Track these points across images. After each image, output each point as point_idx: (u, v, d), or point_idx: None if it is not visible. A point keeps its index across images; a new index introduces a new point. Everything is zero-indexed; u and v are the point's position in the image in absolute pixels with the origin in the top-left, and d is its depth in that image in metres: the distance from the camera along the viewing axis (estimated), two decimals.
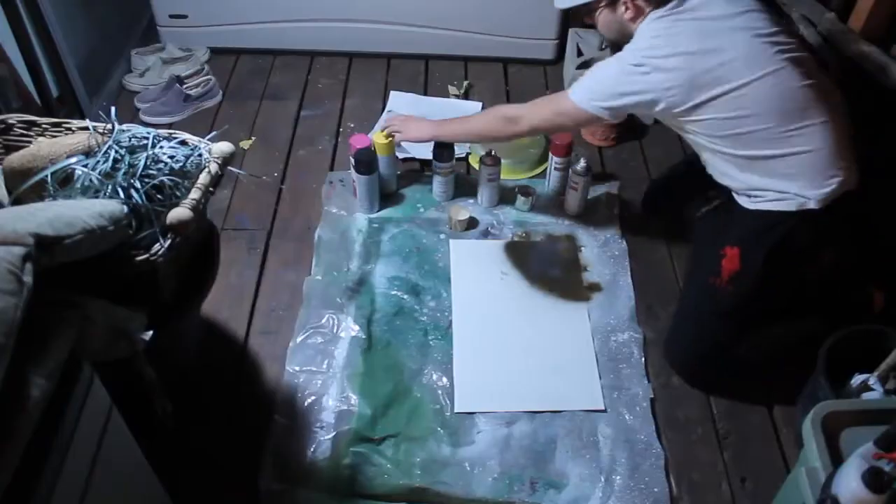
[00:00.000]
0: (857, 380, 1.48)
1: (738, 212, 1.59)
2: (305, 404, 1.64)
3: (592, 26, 2.60)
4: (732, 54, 1.45)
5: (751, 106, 1.45)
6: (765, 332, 1.65)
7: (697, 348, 1.68)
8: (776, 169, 1.50)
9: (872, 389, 1.44)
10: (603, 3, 1.62)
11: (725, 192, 1.66)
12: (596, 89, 1.57)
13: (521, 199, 2.08)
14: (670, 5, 1.52)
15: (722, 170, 1.59)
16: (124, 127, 1.36)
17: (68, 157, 1.27)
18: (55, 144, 1.31)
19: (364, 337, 1.77)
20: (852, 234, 1.66)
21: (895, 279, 1.72)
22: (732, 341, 1.63)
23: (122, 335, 1.11)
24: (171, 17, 2.63)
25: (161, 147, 1.33)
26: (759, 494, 1.53)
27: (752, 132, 1.47)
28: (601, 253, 2.01)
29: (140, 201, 1.23)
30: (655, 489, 1.53)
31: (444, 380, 1.69)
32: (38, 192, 1.26)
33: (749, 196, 1.57)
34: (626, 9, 1.57)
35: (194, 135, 1.42)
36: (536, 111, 1.70)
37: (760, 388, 1.71)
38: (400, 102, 2.53)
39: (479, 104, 2.53)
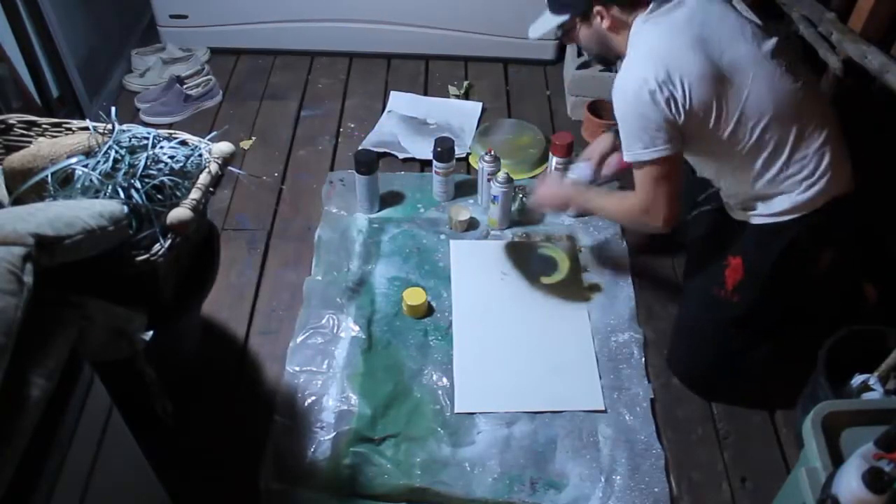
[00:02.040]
0: (857, 380, 1.48)
1: (737, 222, 1.57)
2: (305, 404, 1.64)
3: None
4: (735, 56, 1.40)
5: (757, 109, 1.41)
6: (767, 339, 1.64)
7: (700, 358, 1.67)
8: (778, 175, 1.45)
9: (872, 389, 1.44)
10: (577, 20, 1.55)
11: (717, 199, 1.65)
12: (631, 140, 1.46)
13: (521, 199, 2.08)
14: (655, 7, 1.43)
15: (730, 187, 1.56)
16: (124, 127, 1.36)
17: (68, 157, 1.27)
18: (55, 144, 1.31)
19: (364, 337, 1.77)
20: (853, 234, 1.66)
21: (891, 277, 1.72)
22: (736, 350, 1.62)
23: (122, 335, 1.11)
24: (172, 17, 2.64)
25: (161, 147, 1.34)
26: (759, 494, 1.53)
27: (758, 138, 1.43)
28: (601, 253, 2.01)
29: (140, 201, 1.23)
30: (655, 489, 1.53)
31: (444, 380, 1.69)
32: (38, 192, 1.26)
33: (747, 209, 1.54)
34: (602, 19, 1.49)
35: (194, 135, 1.42)
36: (646, 195, 1.51)
37: (761, 392, 1.71)
38: (400, 102, 2.53)
39: (479, 104, 2.53)
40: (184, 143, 1.38)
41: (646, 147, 1.43)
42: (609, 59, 1.62)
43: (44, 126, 1.44)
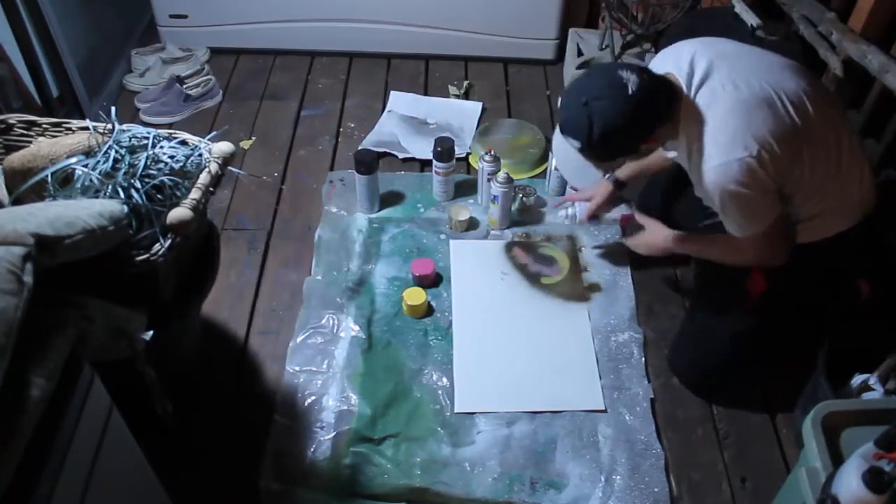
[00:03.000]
0: (857, 380, 1.48)
1: None
2: (305, 404, 1.64)
3: (593, 26, 2.61)
4: (796, 92, 1.35)
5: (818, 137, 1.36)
6: (777, 345, 1.63)
7: (707, 364, 1.67)
8: (825, 198, 1.42)
9: (872, 389, 1.44)
10: (625, 158, 1.50)
11: None
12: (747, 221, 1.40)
13: (521, 199, 2.08)
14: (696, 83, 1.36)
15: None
16: (124, 127, 1.36)
17: (68, 157, 1.27)
18: (55, 144, 1.31)
19: (364, 337, 1.77)
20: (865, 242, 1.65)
21: (889, 276, 1.72)
22: (746, 358, 1.62)
23: (122, 335, 1.11)
24: (171, 17, 2.64)
25: (161, 147, 1.33)
26: (759, 494, 1.53)
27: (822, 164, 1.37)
28: (601, 253, 2.01)
29: (140, 201, 1.23)
30: (655, 489, 1.53)
31: (444, 380, 1.69)
32: (38, 192, 1.26)
33: None
34: (653, 144, 1.43)
35: (194, 135, 1.42)
36: (760, 252, 1.45)
37: (761, 392, 1.71)
38: (400, 102, 2.53)
39: (479, 104, 2.53)
40: (184, 142, 1.38)
41: (758, 223, 1.38)
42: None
43: (44, 126, 1.44)
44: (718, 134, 1.33)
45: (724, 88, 1.34)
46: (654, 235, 1.72)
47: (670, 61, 1.42)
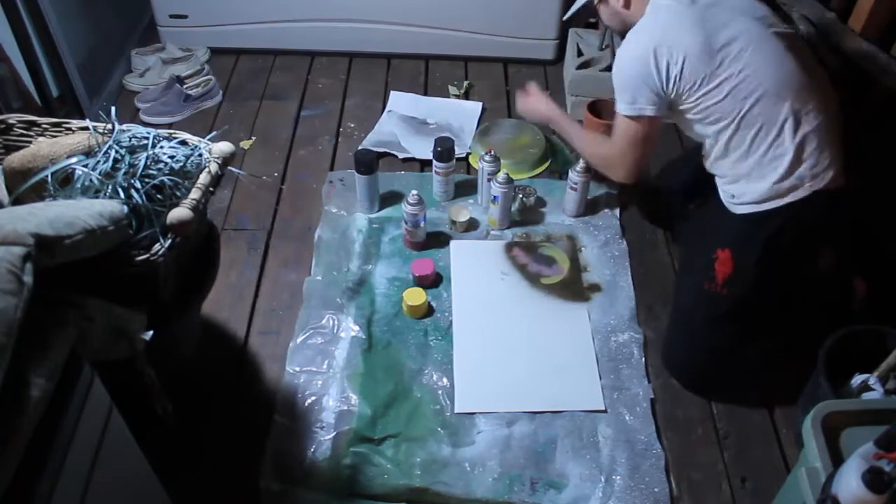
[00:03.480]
0: (857, 380, 1.48)
1: (725, 213, 1.58)
2: (305, 404, 1.64)
3: (594, 26, 2.62)
4: (737, 31, 1.48)
5: (753, 84, 1.46)
6: (762, 334, 1.64)
7: (695, 355, 1.68)
8: (765, 154, 1.49)
9: (872, 389, 1.44)
10: (596, 2, 1.71)
11: (713, 198, 1.65)
12: (623, 89, 1.58)
13: (521, 199, 2.08)
14: None
15: (721, 164, 1.58)
16: (124, 127, 1.36)
17: (68, 157, 1.27)
18: (55, 144, 1.31)
19: (364, 337, 1.77)
20: (850, 234, 1.66)
21: (887, 275, 1.72)
22: (730, 346, 1.63)
23: (122, 335, 1.11)
24: (171, 17, 2.64)
25: (161, 147, 1.33)
26: (759, 494, 1.53)
27: (749, 110, 1.48)
28: (601, 253, 2.01)
29: (140, 201, 1.23)
30: (655, 489, 1.53)
31: (445, 380, 1.69)
32: (38, 192, 1.26)
33: (734, 196, 1.56)
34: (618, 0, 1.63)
35: (194, 135, 1.42)
36: (618, 149, 1.66)
37: (760, 391, 1.71)
38: (400, 102, 2.53)
39: (479, 104, 2.53)
40: (184, 143, 1.38)
41: (632, 102, 1.56)
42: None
43: (44, 126, 1.43)
44: (651, 19, 1.55)
45: (689, 7, 1.51)
46: (539, 102, 1.97)
47: None
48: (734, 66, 1.46)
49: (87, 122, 1.39)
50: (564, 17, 1.85)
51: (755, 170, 1.50)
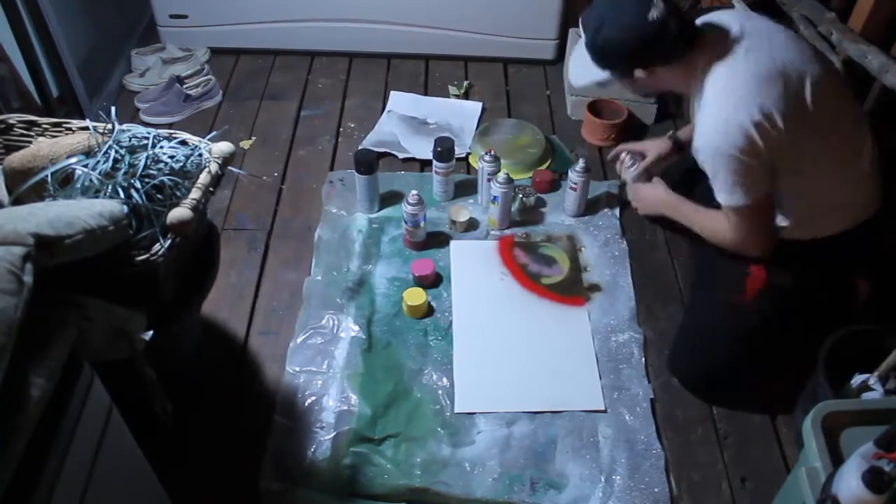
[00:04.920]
0: (857, 380, 1.47)
1: None
2: (305, 404, 1.64)
3: None
4: (811, 78, 1.37)
5: (827, 127, 1.39)
6: (784, 348, 1.63)
7: (706, 364, 1.66)
8: (830, 194, 1.44)
9: (872, 389, 1.44)
10: (617, 78, 1.52)
11: None
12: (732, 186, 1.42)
13: (521, 199, 2.08)
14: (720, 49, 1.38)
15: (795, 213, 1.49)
16: (124, 127, 1.36)
17: (68, 157, 1.27)
18: (55, 144, 1.31)
19: (364, 337, 1.77)
20: (876, 256, 1.65)
21: (887, 275, 1.72)
22: (746, 360, 1.61)
23: (122, 335, 1.11)
24: (171, 17, 2.64)
25: (161, 147, 1.33)
26: (759, 494, 1.53)
27: (828, 156, 1.41)
28: (601, 253, 2.01)
29: (140, 201, 1.23)
30: (655, 489, 1.53)
31: (444, 380, 1.69)
32: (38, 192, 1.26)
33: (777, 221, 1.50)
34: (647, 76, 1.46)
35: (194, 135, 1.42)
36: (741, 234, 1.48)
37: (762, 394, 1.70)
38: (400, 102, 2.53)
39: (479, 104, 2.53)
40: (184, 143, 1.38)
41: (745, 193, 1.40)
42: (658, 95, 1.60)
43: (44, 126, 1.43)
44: (729, 93, 1.36)
45: (748, 55, 1.37)
46: (655, 192, 1.76)
47: (712, 18, 1.46)
48: (816, 116, 1.36)
49: (87, 122, 1.39)
50: (574, 83, 1.62)
51: (817, 210, 1.46)
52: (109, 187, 1.23)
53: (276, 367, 1.73)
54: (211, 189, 1.32)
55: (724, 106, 1.36)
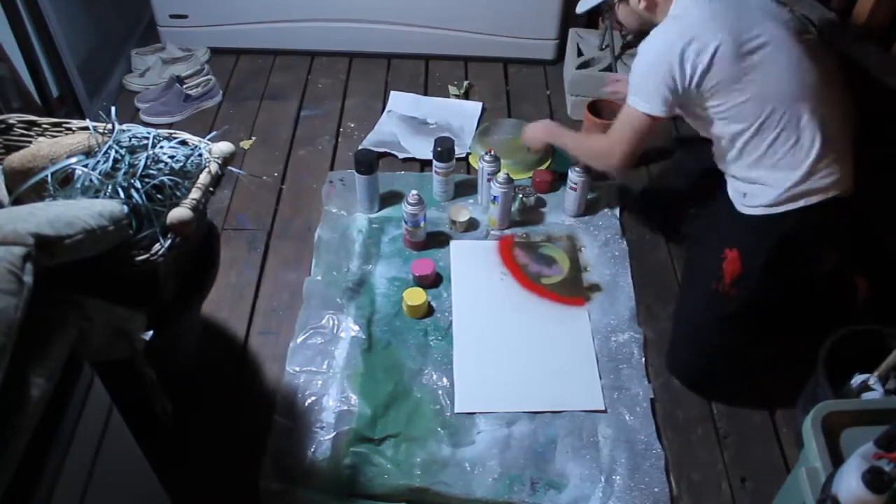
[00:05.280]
0: (857, 380, 1.47)
1: (733, 213, 1.59)
2: (305, 404, 1.64)
3: (594, 25, 2.62)
4: (765, 35, 1.46)
5: (777, 89, 1.46)
6: (768, 335, 1.64)
7: (701, 357, 1.67)
8: (782, 159, 1.48)
9: (872, 389, 1.44)
10: (616, 1, 1.69)
11: (721, 197, 1.65)
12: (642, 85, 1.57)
13: (521, 199, 2.08)
14: None
15: (729, 160, 1.58)
16: (124, 127, 1.36)
17: (68, 157, 1.27)
18: (55, 144, 1.31)
19: (364, 337, 1.77)
20: (853, 235, 1.66)
21: (887, 275, 1.72)
22: (737, 347, 1.62)
23: (122, 335, 1.11)
24: (171, 17, 2.64)
25: (161, 147, 1.33)
26: (759, 494, 1.53)
27: (770, 114, 1.47)
28: (601, 253, 2.01)
29: (140, 201, 1.23)
30: (655, 489, 1.53)
31: (444, 380, 1.69)
32: (38, 192, 1.26)
33: (745, 195, 1.56)
34: (639, 1, 1.61)
35: (194, 135, 1.42)
36: (617, 136, 1.65)
37: (761, 392, 1.70)
38: (400, 102, 2.53)
39: (479, 104, 2.53)
40: (184, 142, 1.38)
41: (647, 100, 1.55)
42: (645, 35, 1.65)
43: (44, 126, 1.43)
44: (680, 18, 1.53)
45: (718, 6, 1.49)
46: (542, 123, 2.04)
47: None
48: (760, 70, 1.45)
49: (87, 122, 1.39)
50: (578, 11, 1.82)
51: (770, 174, 1.50)
52: (109, 187, 1.23)
53: (276, 367, 1.73)
54: (211, 189, 1.32)
55: (674, 26, 1.52)
